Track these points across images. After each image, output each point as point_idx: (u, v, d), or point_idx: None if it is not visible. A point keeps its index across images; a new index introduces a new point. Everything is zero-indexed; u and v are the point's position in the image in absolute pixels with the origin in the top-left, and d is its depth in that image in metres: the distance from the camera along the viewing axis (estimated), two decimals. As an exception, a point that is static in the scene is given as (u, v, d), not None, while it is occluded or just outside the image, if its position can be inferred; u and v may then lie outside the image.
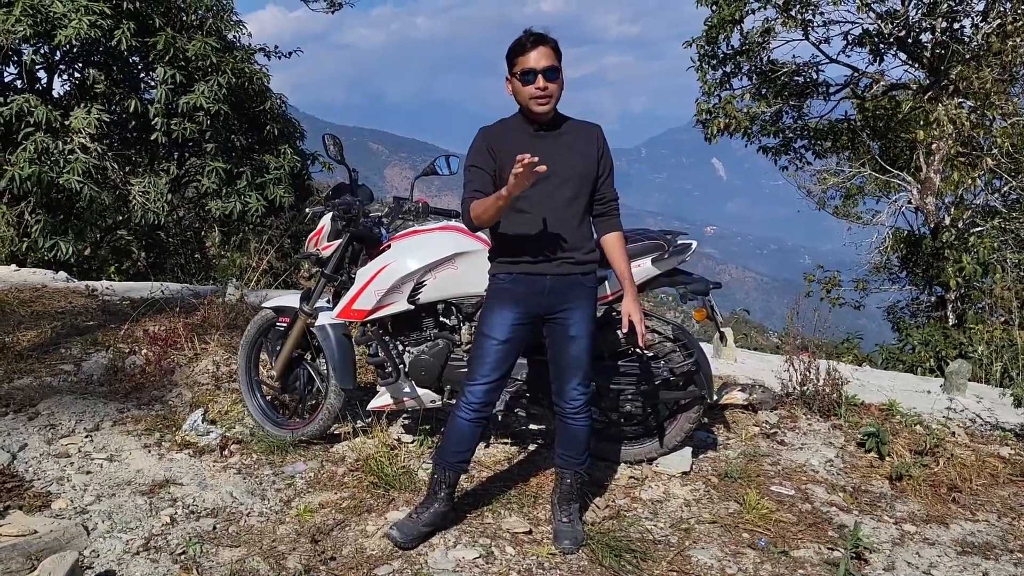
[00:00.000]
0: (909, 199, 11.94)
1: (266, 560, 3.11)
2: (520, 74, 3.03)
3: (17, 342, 5.45)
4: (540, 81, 3.02)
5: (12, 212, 9.75)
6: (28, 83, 10.49)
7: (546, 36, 3.05)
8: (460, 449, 3.28)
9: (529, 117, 3.14)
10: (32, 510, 3.36)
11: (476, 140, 3.20)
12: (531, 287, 3.16)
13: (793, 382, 4.82)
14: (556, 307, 3.19)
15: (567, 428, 3.31)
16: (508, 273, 3.19)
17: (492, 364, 3.18)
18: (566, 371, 3.24)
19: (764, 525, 3.48)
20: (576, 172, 3.14)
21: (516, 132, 3.15)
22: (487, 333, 3.19)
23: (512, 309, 3.17)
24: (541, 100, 3.05)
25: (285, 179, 10.92)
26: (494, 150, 3.12)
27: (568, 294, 3.18)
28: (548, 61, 3.02)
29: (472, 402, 3.20)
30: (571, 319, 3.20)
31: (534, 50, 3.01)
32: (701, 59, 12.47)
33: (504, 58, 3.12)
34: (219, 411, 4.54)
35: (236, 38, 11.95)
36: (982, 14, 11.04)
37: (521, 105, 3.13)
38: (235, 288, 6.81)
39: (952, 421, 4.63)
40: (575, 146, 3.17)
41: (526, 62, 3.02)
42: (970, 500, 3.82)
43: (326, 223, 4.12)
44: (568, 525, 3.30)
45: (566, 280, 3.17)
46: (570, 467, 3.36)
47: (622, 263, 3.25)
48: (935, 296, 12.13)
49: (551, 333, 3.25)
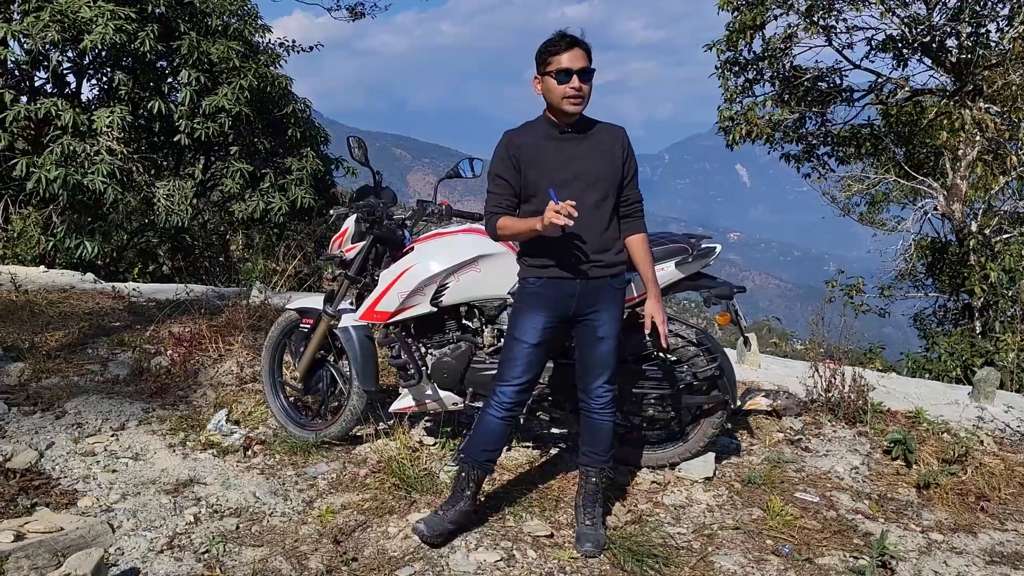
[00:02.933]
0: (935, 206, 11.81)
1: (288, 560, 3.12)
2: (555, 73, 3.04)
3: (45, 342, 5.52)
4: (575, 81, 3.03)
5: (40, 215, 9.89)
6: (57, 87, 10.63)
7: (580, 39, 3.08)
8: (488, 448, 3.30)
9: (555, 119, 3.15)
10: (58, 508, 3.40)
11: (500, 146, 3.20)
12: (561, 291, 3.18)
13: (818, 388, 4.78)
14: (585, 309, 3.21)
15: (593, 423, 3.32)
16: (538, 278, 3.21)
17: (523, 367, 3.21)
18: (593, 370, 3.27)
19: (788, 532, 3.44)
20: (603, 175, 3.15)
21: (542, 135, 3.17)
22: (518, 337, 3.22)
23: (542, 313, 3.20)
24: (575, 100, 3.06)
25: (307, 180, 10.99)
26: (518, 158, 3.14)
27: (597, 297, 3.20)
28: (583, 62, 3.05)
29: (504, 402, 3.24)
30: (599, 320, 3.22)
31: (569, 51, 3.04)
32: (723, 65, 12.40)
33: (534, 58, 3.13)
34: (243, 412, 4.57)
35: (260, 42, 12.06)
36: (1007, 19, 10.91)
37: (551, 104, 3.12)
38: (259, 291, 6.86)
39: (980, 429, 4.57)
40: (601, 148, 3.18)
41: (561, 62, 3.03)
42: (998, 509, 3.77)
43: (350, 225, 4.14)
44: (591, 528, 3.29)
45: (595, 284, 3.19)
46: (595, 464, 3.36)
47: (646, 265, 3.26)
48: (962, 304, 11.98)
49: (579, 334, 3.27)
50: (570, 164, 3.13)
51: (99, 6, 9.44)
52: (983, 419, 4.80)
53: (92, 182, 9.07)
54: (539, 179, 3.10)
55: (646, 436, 3.94)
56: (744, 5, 11.48)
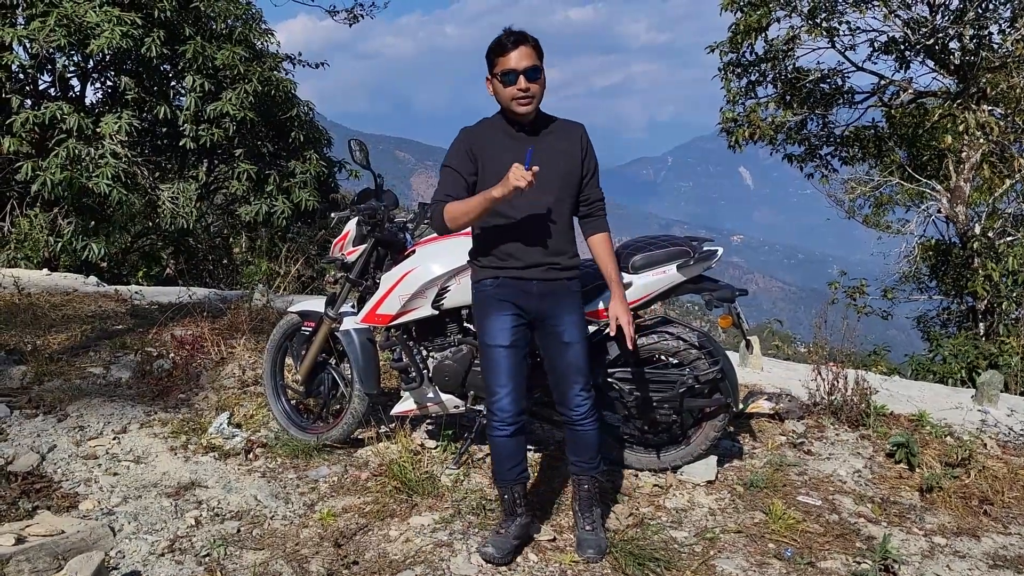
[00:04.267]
0: (939, 208, 11.79)
1: (289, 563, 3.12)
2: (501, 75, 2.98)
3: (48, 345, 5.53)
4: (522, 82, 2.96)
5: (46, 218, 9.91)
6: (61, 91, 10.66)
7: (527, 35, 3.00)
8: (513, 464, 3.18)
9: (511, 118, 3.09)
10: (60, 511, 3.40)
11: (457, 141, 3.13)
12: (518, 289, 3.11)
13: (821, 391, 4.77)
14: (546, 313, 3.13)
15: (577, 435, 3.22)
16: (494, 278, 3.13)
17: (507, 372, 3.11)
18: (566, 378, 3.17)
19: (790, 535, 3.43)
20: (560, 174, 3.08)
21: (499, 133, 3.09)
22: (490, 343, 3.12)
23: (507, 312, 3.11)
24: (523, 101, 2.99)
25: (310, 183, 11.01)
26: (475, 152, 3.06)
27: (556, 299, 3.13)
28: (529, 61, 2.96)
29: (503, 418, 3.11)
30: (562, 325, 3.13)
31: (515, 50, 2.96)
32: (726, 67, 12.41)
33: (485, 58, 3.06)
34: (244, 415, 4.58)
35: (265, 47, 12.09)
36: (1010, 21, 10.90)
37: (502, 106, 3.06)
38: (261, 293, 6.86)
39: (984, 433, 4.55)
40: (558, 146, 3.11)
41: (507, 62, 2.96)
42: (1002, 513, 3.75)
43: (351, 228, 4.14)
44: (591, 533, 3.25)
45: (553, 285, 3.12)
46: (586, 472, 3.27)
47: (610, 266, 3.19)
48: (966, 306, 11.96)
49: (544, 341, 3.19)
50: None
51: (105, 11, 9.46)
52: (986, 422, 4.78)
53: (97, 185, 9.10)
54: (494, 178, 2.93)
55: (648, 439, 3.93)
56: (747, 6, 11.48)
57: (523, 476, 3.22)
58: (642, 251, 3.68)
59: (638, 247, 3.73)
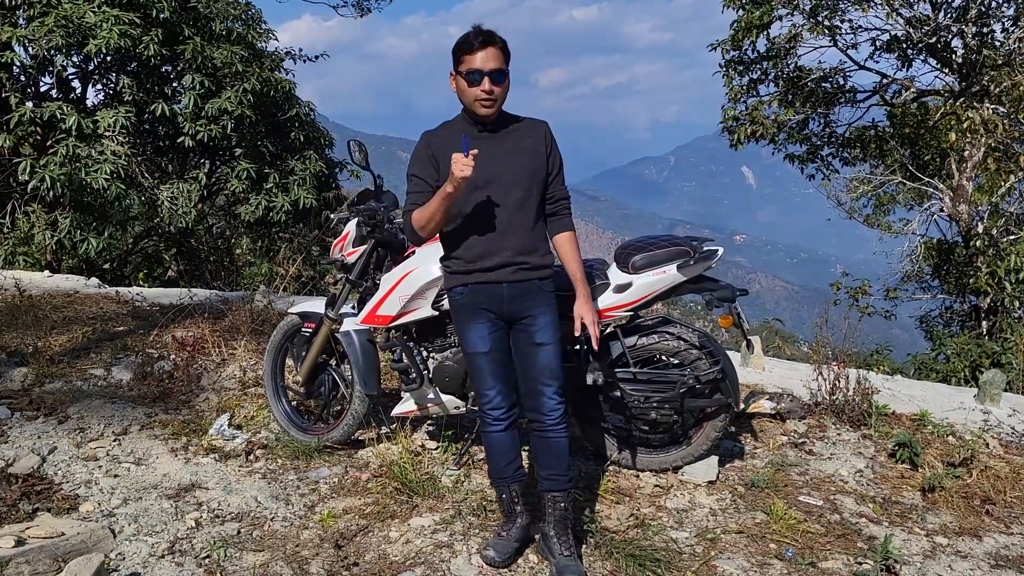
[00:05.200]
0: (941, 207, 11.77)
1: (289, 565, 3.11)
2: (466, 73, 2.96)
3: (49, 347, 5.53)
4: (486, 84, 2.95)
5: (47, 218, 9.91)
6: (62, 92, 10.67)
7: (495, 35, 2.97)
8: (509, 460, 3.17)
9: (473, 118, 3.07)
10: (60, 512, 3.40)
11: (418, 147, 3.11)
12: (488, 295, 3.08)
13: (822, 391, 4.76)
14: (518, 314, 3.10)
15: (548, 444, 3.10)
16: (463, 285, 3.11)
17: (492, 375, 3.10)
18: (538, 381, 3.09)
19: (791, 536, 3.42)
20: (525, 172, 3.06)
21: (460, 133, 3.01)
22: (471, 351, 3.12)
23: (482, 319, 3.09)
24: (486, 103, 2.98)
25: (309, 180, 11.01)
26: (437, 158, 3.05)
27: (528, 301, 3.09)
28: (496, 63, 2.95)
29: (496, 415, 3.11)
30: (535, 326, 3.09)
31: (482, 50, 2.94)
32: (727, 65, 12.39)
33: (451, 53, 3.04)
34: (245, 416, 4.58)
35: (265, 47, 12.10)
36: (1013, 19, 10.87)
37: (464, 105, 3.05)
38: (263, 295, 6.86)
39: (986, 432, 4.54)
40: (522, 144, 3.09)
41: (473, 62, 2.94)
42: (1004, 513, 3.74)
43: (351, 229, 4.14)
44: (571, 559, 3.04)
45: (524, 286, 3.08)
46: (561, 488, 3.11)
47: (575, 264, 3.16)
48: (968, 305, 11.94)
49: (517, 343, 3.14)
50: (488, 165, 2.98)
51: (103, 11, 9.47)
52: (988, 422, 4.77)
53: (95, 180, 9.10)
54: None
55: (649, 439, 3.92)
56: (749, 4, 11.47)
57: (520, 474, 3.21)
58: (642, 251, 3.68)
59: (638, 247, 3.72)
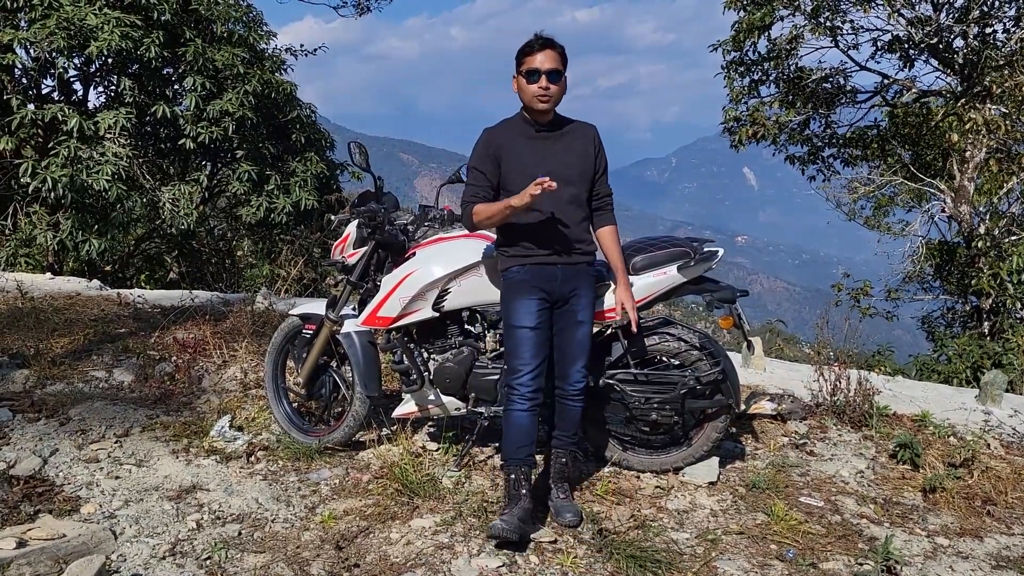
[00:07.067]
0: (942, 208, 11.76)
1: (290, 566, 3.11)
2: (526, 72, 3.27)
3: (50, 348, 5.54)
4: (543, 81, 3.26)
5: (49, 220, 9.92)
6: (63, 94, 10.68)
7: (554, 41, 3.28)
8: (523, 443, 3.37)
9: (531, 117, 3.38)
10: (61, 514, 3.41)
11: (480, 142, 3.43)
12: (543, 275, 3.38)
13: (823, 392, 4.75)
14: (566, 294, 3.41)
15: (565, 409, 3.51)
16: (521, 265, 3.40)
17: (531, 351, 3.33)
18: (571, 354, 3.44)
19: (792, 537, 3.42)
20: (576, 170, 3.38)
21: (519, 132, 3.39)
22: (516, 324, 3.35)
23: (533, 296, 3.36)
24: (543, 98, 3.28)
25: (311, 182, 11.03)
26: (497, 153, 3.36)
27: (576, 282, 3.42)
28: (552, 64, 3.26)
29: (524, 392, 3.32)
30: (578, 305, 3.43)
31: (541, 52, 3.26)
32: (728, 66, 12.39)
33: (514, 58, 3.36)
34: (246, 417, 4.58)
35: (266, 49, 12.10)
36: (1014, 19, 10.86)
37: (524, 102, 3.36)
38: (264, 296, 6.87)
39: (987, 433, 4.54)
40: (574, 145, 3.41)
41: (532, 62, 3.26)
42: (1005, 513, 3.74)
43: (352, 231, 4.14)
44: (567, 500, 3.49)
45: (573, 269, 3.41)
46: (566, 446, 3.59)
47: (616, 255, 3.50)
48: (970, 306, 11.92)
49: (560, 319, 3.44)
50: (545, 161, 3.32)
51: (105, 13, 9.48)
52: (990, 422, 4.76)
53: (97, 182, 9.12)
54: (516, 175, 3.31)
55: (649, 440, 3.91)
56: (750, 4, 11.46)
57: (531, 459, 3.42)
58: (643, 252, 3.69)
59: (639, 248, 3.73)
